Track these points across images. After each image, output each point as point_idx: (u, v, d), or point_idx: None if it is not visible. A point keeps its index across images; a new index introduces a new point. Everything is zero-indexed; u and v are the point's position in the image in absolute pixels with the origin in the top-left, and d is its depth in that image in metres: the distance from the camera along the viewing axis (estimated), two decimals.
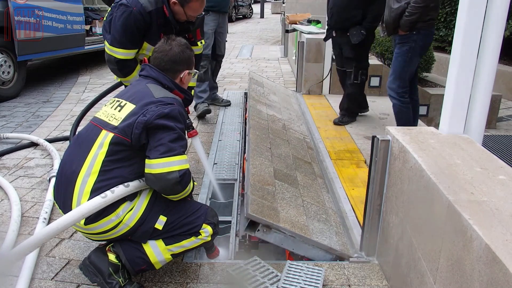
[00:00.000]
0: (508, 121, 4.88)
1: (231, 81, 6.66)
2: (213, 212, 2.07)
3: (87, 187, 1.79)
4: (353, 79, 4.37)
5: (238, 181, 3.20)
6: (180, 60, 2.09)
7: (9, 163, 3.50)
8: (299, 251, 2.26)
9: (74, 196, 1.80)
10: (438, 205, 1.53)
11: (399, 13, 3.49)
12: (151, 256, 1.91)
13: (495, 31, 1.89)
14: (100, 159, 1.81)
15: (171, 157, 1.78)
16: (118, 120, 1.86)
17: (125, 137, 1.82)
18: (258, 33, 14.40)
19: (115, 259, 1.91)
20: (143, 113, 1.82)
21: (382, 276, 2.13)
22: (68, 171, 1.86)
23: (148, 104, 1.86)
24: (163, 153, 1.77)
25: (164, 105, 1.85)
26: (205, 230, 1.97)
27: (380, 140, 2.08)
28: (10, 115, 4.91)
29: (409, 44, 3.58)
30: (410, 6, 3.43)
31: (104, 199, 1.72)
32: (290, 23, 7.95)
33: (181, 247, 1.95)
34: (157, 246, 1.92)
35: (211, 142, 3.97)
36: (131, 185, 1.81)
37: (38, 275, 2.10)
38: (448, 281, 1.44)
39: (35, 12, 5.64)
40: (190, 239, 1.95)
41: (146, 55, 2.89)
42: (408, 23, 3.47)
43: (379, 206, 2.18)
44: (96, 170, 1.80)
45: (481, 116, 2.00)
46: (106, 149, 1.82)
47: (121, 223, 1.83)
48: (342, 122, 4.47)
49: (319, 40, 5.66)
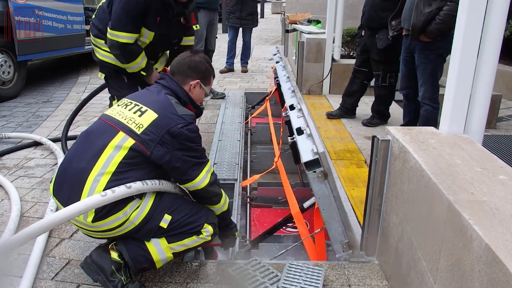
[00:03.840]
0: (508, 121, 4.88)
1: (231, 81, 6.66)
2: (213, 213, 2.09)
3: (99, 185, 1.78)
4: (381, 81, 4.35)
5: (238, 181, 3.20)
6: (196, 68, 2.11)
7: (9, 163, 3.50)
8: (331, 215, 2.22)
9: (83, 194, 1.79)
10: (438, 205, 1.53)
11: (429, 18, 3.38)
12: (154, 254, 1.92)
13: (495, 31, 1.89)
14: (116, 160, 1.82)
15: (201, 173, 1.95)
16: (140, 127, 1.86)
17: (146, 149, 1.84)
18: (258, 33, 14.38)
19: (117, 257, 1.92)
20: (169, 132, 1.85)
21: (382, 276, 2.13)
22: (76, 168, 1.84)
23: (171, 117, 1.89)
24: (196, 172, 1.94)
25: (187, 124, 1.90)
26: (206, 229, 1.99)
27: (380, 140, 2.08)
28: (10, 115, 4.91)
29: (436, 52, 3.50)
30: (443, 13, 3.32)
31: (103, 198, 1.71)
32: (290, 23, 7.95)
33: (183, 246, 1.96)
34: (160, 244, 1.93)
35: (211, 142, 3.97)
36: (133, 187, 1.80)
37: (38, 275, 2.10)
38: (448, 281, 1.45)
39: (35, 12, 5.64)
40: (192, 238, 1.97)
41: (144, 42, 2.92)
42: (437, 31, 3.38)
43: (379, 206, 2.18)
44: (111, 170, 1.81)
45: (481, 116, 2.00)
46: (125, 152, 1.83)
47: (128, 221, 1.84)
48: (371, 123, 4.46)
49: (319, 40, 5.66)
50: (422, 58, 3.59)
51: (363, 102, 4.92)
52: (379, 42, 4.18)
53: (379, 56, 4.29)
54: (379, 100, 4.50)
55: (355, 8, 8.23)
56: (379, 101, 4.50)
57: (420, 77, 3.67)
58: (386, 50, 4.17)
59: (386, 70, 4.31)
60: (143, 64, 2.95)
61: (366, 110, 4.80)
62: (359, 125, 4.51)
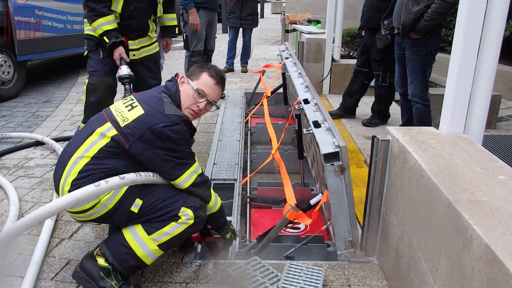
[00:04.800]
0: (508, 121, 4.88)
1: (231, 81, 6.66)
2: (195, 198, 2.01)
3: (76, 167, 1.85)
4: (381, 81, 4.36)
5: (238, 181, 3.20)
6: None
7: (9, 163, 3.50)
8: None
9: (63, 175, 1.87)
10: (438, 205, 1.53)
11: (418, 16, 3.45)
12: (137, 249, 1.89)
13: (495, 31, 1.89)
14: (98, 147, 1.88)
15: (185, 173, 1.93)
16: (125, 121, 1.90)
17: (125, 142, 1.87)
18: (258, 33, 14.37)
19: (104, 263, 1.90)
20: (150, 128, 1.85)
21: (382, 276, 2.13)
22: (66, 151, 1.95)
23: (156, 115, 1.89)
24: (180, 172, 1.92)
25: (171, 126, 1.88)
26: (184, 213, 1.92)
27: (380, 140, 2.08)
28: (10, 115, 4.91)
29: (425, 49, 3.56)
30: (431, 11, 3.38)
31: (97, 188, 1.70)
32: (290, 23, 7.96)
33: (164, 235, 1.91)
34: (140, 237, 1.89)
35: (211, 142, 3.97)
36: (127, 178, 1.79)
37: (38, 275, 2.09)
38: (448, 281, 1.45)
39: (35, 12, 5.63)
40: (171, 225, 1.91)
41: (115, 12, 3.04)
42: (426, 28, 3.44)
43: (379, 206, 2.18)
44: (90, 155, 1.87)
45: (481, 116, 2.00)
46: (107, 141, 1.89)
47: (99, 204, 1.84)
48: (371, 123, 4.47)
49: (319, 40, 5.67)
50: (412, 55, 3.65)
51: (363, 102, 4.93)
52: (378, 42, 4.19)
53: (379, 56, 4.29)
54: (379, 100, 4.50)
55: (355, 8, 8.24)
56: (379, 101, 4.51)
57: (409, 74, 3.72)
58: (386, 50, 4.18)
59: (386, 70, 4.31)
60: (105, 27, 3.00)
61: (366, 110, 4.80)
62: (359, 125, 4.51)
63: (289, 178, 2.77)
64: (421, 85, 3.66)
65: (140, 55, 3.31)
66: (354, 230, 2.20)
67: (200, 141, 3.99)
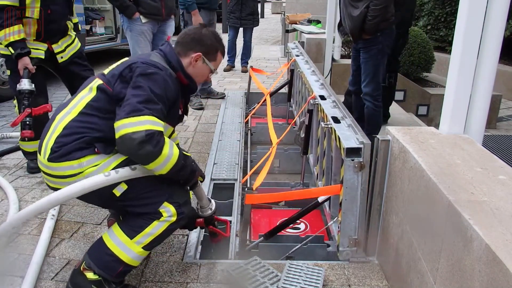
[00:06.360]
0: (508, 121, 4.88)
1: (231, 81, 6.66)
2: (182, 194, 1.93)
3: (62, 123, 1.80)
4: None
5: (238, 181, 3.20)
6: (200, 41, 2.00)
7: (9, 163, 3.50)
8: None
9: (48, 132, 1.82)
10: (438, 205, 1.53)
11: (361, 19, 3.51)
12: (121, 255, 1.83)
13: (495, 31, 1.89)
14: (85, 101, 1.83)
15: (137, 117, 1.66)
16: (110, 69, 1.91)
17: (109, 86, 1.83)
18: (258, 33, 14.37)
19: (93, 276, 1.85)
20: (129, 66, 1.83)
21: (382, 276, 2.13)
22: (53, 115, 1.89)
23: (138, 58, 1.88)
24: (129, 113, 1.67)
25: (150, 65, 1.82)
26: (166, 209, 1.83)
27: (380, 140, 2.08)
28: (10, 115, 4.91)
29: (376, 47, 3.61)
30: (370, 9, 3.44)
31: (107, 178, 1.68)
32: (290, 23, 7.96)
33: (147, 236, 1.83)
34: (123, 243, 1.83)
35: (211, 142, 3.97)
36: (138, 168, 1.76)
37: (39, 275, 2.09)
38: (448, 281, 1.45)
39: None
40: (153, 224, 1.83)
41: (32, 17, 2.97)
42: (373, 26, 3.50)
43: (379, 206, 2.18)
44: (77, 110, 1.82)
45: (481, 116, 2.00)
46: (94, 94, 1.84)
47: (81, 175, 1.76)
48: None
49: (319, 40, 5.67)
50: (365, 53, 3.71)
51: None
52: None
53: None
54: None
55: None
56: None
57: (362, 73, 3.77)
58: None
59: (386, 70, 4.31)
60: (11, 37, 2.89)
61: None
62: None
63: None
64: (372, 83, 3.70)
65: (67, 55, 3.25)
66: (360, 229, 2.20)
67: (200, 141, 3.99)
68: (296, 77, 4.52)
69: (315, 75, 3.58)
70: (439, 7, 8.13)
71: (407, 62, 6.09)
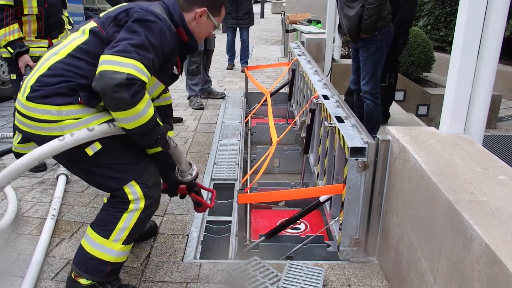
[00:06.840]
0: (508, 121, 4.88)
1: (231, 81, 6.66)
2: (152, 173, 1.83)
3: (48, 62, 1.69)
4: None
5: (238, 181, 3.20)
6: None
7: (9, 163, 3.50)
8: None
9: (32, 70, 1.73)
10: (438, 205, 1.53)
11: (357, 19, 3.53)
12: (104, 256, 1.78)
13: (495, 31, 1.89)
14: (75, 43, 1.72)
15: (124, 58, 1.55)
16: (105, 12, 1.83)
17: (102, 29, 1.72)
18: (258, 33, 14.38)
19: (86, 281, 1.83)
20: (126, 10, 1.72)
21: (382, 276, 2.13)
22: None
23: (137, 4, 1.76)
24: (117, 52, 1.56)
25: (149, 13, 1.70)
26: (132, 190, 1.74)
27: (380, 140, 2.08)
28: (10, 115, 4.91)
29: (374, 45, 3.63)
30: (365, 9, 3.46)
31: (62, 142, 1.57)
32: (290, 23, 7.96)
33: (122, 231, 1.77)
34: (101, 244, 1.78)
35: (211, 142, 3.97)
36: (96, 129, 1.64)
37: (39, 275, 2.09)
38: (448, 281, 1.45)
39: None
40: (123, 218, 1.77)
41: (31, 14, 3.00)
42: (370, 25, 3.52)
43: (379, 206, 2.18)
44: (65, 52, 1.70)
45: (481, 116, 2.00)
46: (86, 36, 1.72)
47: (57, 124, 1.64)
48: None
49: (319, 40, 5.67)
50: (363, 52, 3.74)
51: None
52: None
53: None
54: None
55: None
56: None
57: (361, 71, 3.80)
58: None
59: (386, 70, 4.32)
60: (8, 37, 2.93)
61: None
62: None
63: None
64: (371, 82, 3.73)
65: None
66: (362, 229, 2.21)
67: (200, 141, 3.99)
68: (297, 76, 4.52)
69: (318, 75, 3.59)
70: (439, 7, 8.14)
71: (407, 62, 6.10)
